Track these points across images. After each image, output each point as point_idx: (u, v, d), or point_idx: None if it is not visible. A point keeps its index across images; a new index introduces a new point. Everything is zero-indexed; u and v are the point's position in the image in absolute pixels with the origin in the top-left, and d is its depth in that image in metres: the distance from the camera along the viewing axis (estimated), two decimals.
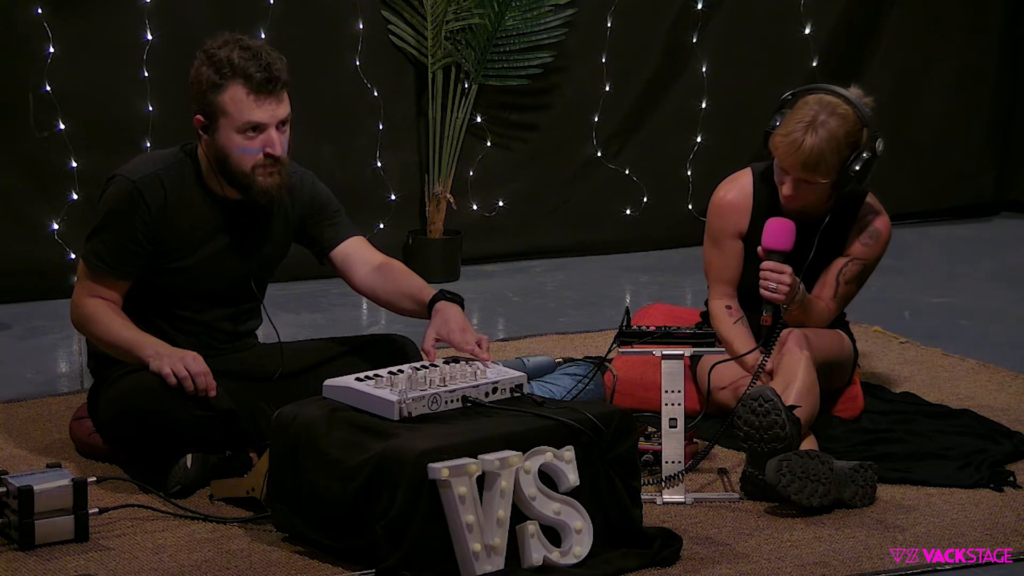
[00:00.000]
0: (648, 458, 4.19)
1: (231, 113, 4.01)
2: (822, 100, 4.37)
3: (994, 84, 7.51)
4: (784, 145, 4.34)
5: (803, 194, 4.39)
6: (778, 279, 4.31)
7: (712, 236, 4.61)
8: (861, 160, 4.35)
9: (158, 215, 4.09)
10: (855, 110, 4.37)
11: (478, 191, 6.66)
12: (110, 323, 4.10)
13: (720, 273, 4.60)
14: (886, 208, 4.63)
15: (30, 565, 3.64)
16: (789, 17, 7.01)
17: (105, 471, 4.16)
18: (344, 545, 3.61)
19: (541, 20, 6.48)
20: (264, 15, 6.17)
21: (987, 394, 4.92)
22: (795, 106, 4.39)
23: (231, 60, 4.00)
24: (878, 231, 4.53)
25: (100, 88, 5.98)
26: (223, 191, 4.14)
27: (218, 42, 4.06)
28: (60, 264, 5.96)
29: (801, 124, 4.32)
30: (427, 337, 4.01)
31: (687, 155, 6.95)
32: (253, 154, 4.04)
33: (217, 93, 4.01)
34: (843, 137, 4.33)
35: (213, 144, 4.06)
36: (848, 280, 4.53)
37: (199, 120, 4.07)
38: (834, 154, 4.32)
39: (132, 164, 4.19)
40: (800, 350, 4.34)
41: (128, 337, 4.06)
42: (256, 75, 3.99)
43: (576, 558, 3.58)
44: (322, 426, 3.64)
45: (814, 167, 4.32)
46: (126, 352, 4.06)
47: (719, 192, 4.61)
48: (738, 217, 4.55)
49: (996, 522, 3.94)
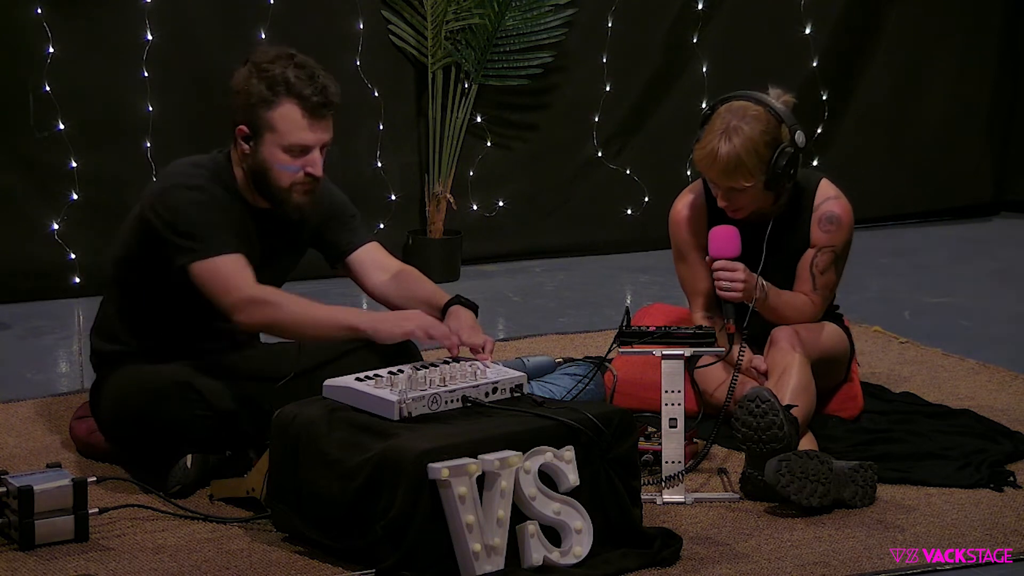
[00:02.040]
0: (648, 458, 4.19)
1: (280, 131, 4.00)
2: (732, 107, 4.40)
3: (994, 84, 7.51)
4: (702, 158, 4.38)
5: (738, 201, 4.41)
6: (730, 276, 4.33)
7: (677, 251, 4.65)
8: (786, 155, 4.37)
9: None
10: (767, 109, 4.39)
11: (478, 191, 6.66)
12: (299, 301, 3.97)
13: (694, 286, 4.63)
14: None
15: (30, 565, 3.64)
16: (789, 17, 7.01)
17: (105, 471, 4.16)
18: (344, 545, 3.61)
19: (541, 20, 6.49)
20: (264, 15, 6.17)
21: (987, 394, 4.92)
22: (710, 119, 4.42)
23: (286, 78, 3.98)
24: (837, 216, 4.54)
25: (100, 88, 5.98)
26: (254, 200, 4.13)
27: (270, 55, 4.04)
28: (60, 264, 5.97)
29: (715, 134, 4.35)
30: (445, 334, 3.94)
31: (687, 155, 6.91)
32: (293, 172, 4.03)
33: (268, 109, 4.00)
34: (758, 137, 4.35)
35: (254, 156, 4.05)
36: (823, 269, 4.53)
37: (242, 131, 4.05)
38: (752, 156, 4.34)
39: (180, 173, 4.10)
40: (792, 348, 4.35)
41: (331, 310, 3.97)
42: (312, 98, 3.99)
43: (576, 558, 3.58)
44: (322, 426, 3.64)
45: (734, 172, 4.34)
46: (331, 326, 3.94)
47: (674, 207, 4.64)
48: (695, 229, 4.58)
49: (996, 522, 3.94)
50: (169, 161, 5.84)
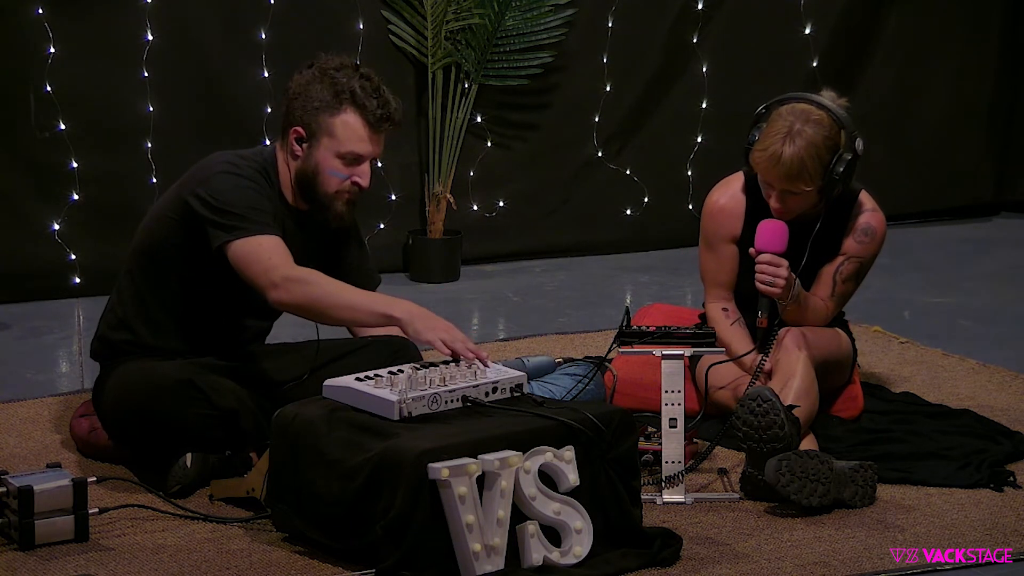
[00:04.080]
0: (648, 458, 4.19)
1: (339, 138, 4.07)
2: (795, 109, 4.37)
3: (994, 84, 7.51)
4: (764, 159, 4.35)
5: (791, 205, 4.40)
6: (774, 272, 4.31)
7: (706, 240, 4.62)
8: (844, 162, 4.36)
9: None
10: (829, 114, 4.37)
11: (478, 191, 6.66)
12: (338, 283, 3.95)
13: (716, 277, 4.61)
14: (886, 208, 4.63)
15: (30, 565, 3.64)
16: (789, 17, 7.01)
17: (105, 471, 4.16)
18: (344, 545, 3.61)
19: (541, 20, 6.49)
20: (264, 15, 6.18)
21: (987, 394, 4.92)
22: (770, 119, 4.39)
23: (352, 88, 4.07)
24: (873, 229, 4.54)
25: (100, 88, 5.98)
26: (295, 201, 4.17)
27: (334, 63, 4.12)
28: (60, 264, 5.97)
29: (778, 136, 4.33)
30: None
31: (687, 155, 6.95)
32: (342, 179, 4.10)
33: (330, 114, 4.07)
34: (821, 143, 4.33)
35: (306, 159, 4.10)
36: (845, 279, 4.53)
37: (298, 132, 4.09)
38: (814, 161, 4.32)
39: (227, 162, 4.10)
40: (798, 349, 4.35)
41: (369, 296, 3.96)
42: (377, 111, 4.08)
43: (576, 558, 3.58)
44: (322, 426, 3.64)
45: (796, 177, 4.33)
46: (366, 311, 3.91)
47: (712, 197, 4.62)
48: (731, 222, 4.56)
49: (996, 522, 3.94)
50: (169, 161, 5.94)
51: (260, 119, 6.18)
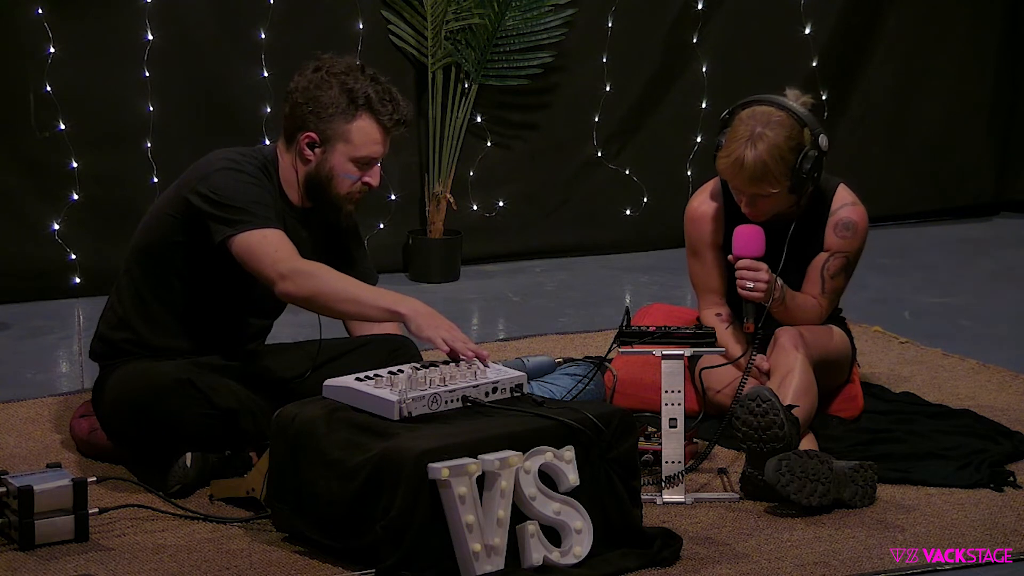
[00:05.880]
0: (648, 458, 4.19)
1: (355, 142, 4.09)
2: (755, 113, 4.38)
3: (994, 83, 7.51)
4: (728, 166, 4.36)
5: (763, 207, 4.41)
6: (754, 276, 4.32)
7: (691, 248, 4.64)
8: (810, 159, 4.36)
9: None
10: (790, 114, 4.38)
11: (478, 191, 6.66)
12: (344, 277, 3.96)
13: (706, 283, 4.62)
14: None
15: (30, 565, 3.64)
16: (789, 17, 7.01)
17: (105, 471, 4.16)
18: (344, 545, 3.61)
19: (541, 20, 6.48)
20: (264, 15, 6.18)
21: (987, 394, 4.92)
22: (732, 124, 4.40)
23: (367, 94, 4.09)
24: (853, 222, 4.54)
25: (100, 88, 5.98)
26: (296, 199, 4.18)
27: (341, 66, 4.12)
28: (60, 264, 5.97)
29: (740, 141, 4.34)
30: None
31: (687, 155, 6.95)
32: (353, 180, 4.13)
33: (345, 120, 4.08)
34: (784, 143, 4.34)
35: (319, 163, 4.11)
36: (833, 274, 4.53)
37: (310, 137, 4.10)
38: (778, 162, 4.33)
39: (227, 159, 4.10)
40: (795, 349, 4.35)
41: (375, 291, 3.96)
42: (393, 116, 4.11)
43: (576, 558, 3.58)
44: (322, 426, 3.64)
45: (761, 180, 4.34)
46: (371, 306, 3.90)
47: (691, 204, 4.64)
48: (711, 227, 4.58)
49: (996, 522, 3.94)
50: (169, 161, 5.94)
51: (260, 119, 6.18)
